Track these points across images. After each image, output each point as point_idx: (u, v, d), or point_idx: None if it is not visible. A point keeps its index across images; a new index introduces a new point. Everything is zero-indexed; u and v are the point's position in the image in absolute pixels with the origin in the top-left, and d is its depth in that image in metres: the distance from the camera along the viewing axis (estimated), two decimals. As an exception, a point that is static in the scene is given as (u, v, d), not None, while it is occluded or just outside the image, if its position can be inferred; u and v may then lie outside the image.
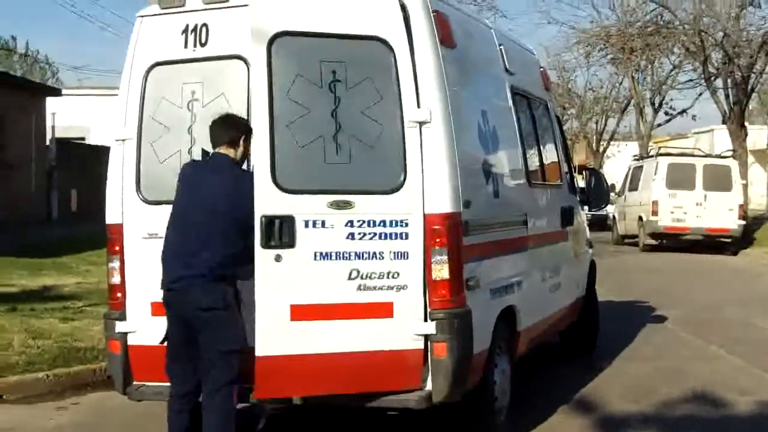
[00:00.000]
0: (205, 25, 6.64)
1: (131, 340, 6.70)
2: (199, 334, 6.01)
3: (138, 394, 6.77)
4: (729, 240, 26.07)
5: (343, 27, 6.16)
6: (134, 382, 6.73)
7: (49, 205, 29.60)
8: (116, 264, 6.77)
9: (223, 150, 6.20)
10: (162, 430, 7.30)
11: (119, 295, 6.76)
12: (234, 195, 6.03)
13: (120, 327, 6.72)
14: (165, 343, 6.23)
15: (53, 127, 30.69)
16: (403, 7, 6.19)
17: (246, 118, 6.35)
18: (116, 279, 6.77)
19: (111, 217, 6.80)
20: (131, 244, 6.73)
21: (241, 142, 6.19)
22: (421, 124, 6.11)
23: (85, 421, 7.96)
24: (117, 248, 6.76)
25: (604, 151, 51.23)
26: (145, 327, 6.66)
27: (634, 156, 34.95)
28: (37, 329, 10.59)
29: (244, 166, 6.27)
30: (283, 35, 6.09)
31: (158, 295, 6.46)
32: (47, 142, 30.22)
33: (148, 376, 6.70)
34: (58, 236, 22.71)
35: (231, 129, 6.23)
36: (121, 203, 6.74)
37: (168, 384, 6.35)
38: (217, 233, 5.98)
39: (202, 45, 6.64)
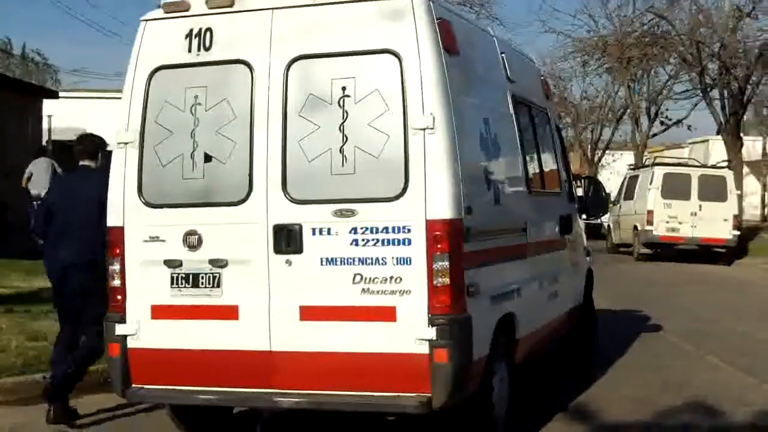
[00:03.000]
0: (209, 29, 6.68)
1: (131, 343, 6.73)
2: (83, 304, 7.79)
3: (137, 397, 6.81)
4: (723, 250, 26.12)
5: (354, 44, 6.44)
6: (133, 385, 6.75)
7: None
8: (117, 267, 6.79)
9: (86, 162, 8.14)
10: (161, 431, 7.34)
11: (119, 297, 6.79)
12: (100, 195, 7.08)
13: (120, 330, 6.75)
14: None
15: (50, 130, 30.67)
16: (410, 17, 6.27)
17: (250, 121, 6.50)
18: (116, 282, 6.80)
19: (112, 220, 6.82)
20: (132, 247, 6.75)
21: (99, 155, 8.13)
22: (425, 130, 6.18)
23: (83, 423, 7.94)
24: (117, 251, 6.79)
25: (599, 160, 51.26)
26: (144, 330, 6.70)
27: (630, 165, 35.03)
28: (33, 331, 10.57)
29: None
30: (300, 59, 6.47)
31: (158, 298, 6.57)
32: (44, 144, 30.18)
33: (147, 379, 6.74)
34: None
35: (90, 145, 8.24)
36: (123, 206, 6.76)
37: (169, 387, 6.62)
38: (90, 225, 7.54)
39: (206, 49, 6.67)
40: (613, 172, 46.49)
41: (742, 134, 33.18)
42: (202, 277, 6.59)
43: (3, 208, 25.13)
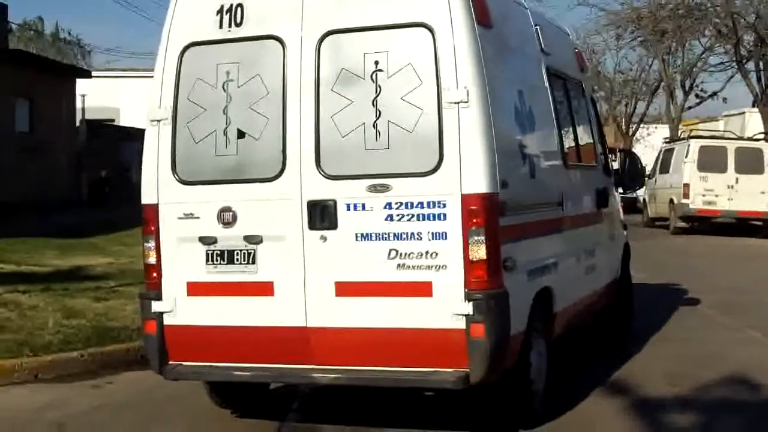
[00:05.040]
0: (240, 5, 6.66)
1: (167, 320, 6.75)
2: None
3: (174, 374, 6.82)
4: (761, 223, 25.91)
5: (386, 18, 6.39)
6: (170, 362, 6.77)
7: (80, 186, 29.77)
8: (152, 244, 6.80)
9: None
10: (195, 409, 7.37)
11: (155, 275, 6.81)
12: None
13: (156, 307, 6.77)
14: None
15: (83, 109, 30.83)
16: None
17: (282, 97, 6.50)
18: (152, 259, 6.81)
19: (147, 198, 6.83)
20: (167, 224, 6.76)
21: None
22: (459, 104, 6.15)
23: (120, 400, 8.01)
24: (152, 228, 6.79)
25: (634, 133, 50.94)
26: (180, 307, 6.72)
27: (665, 139, 34.75)
28: (70, 309, 10.67)
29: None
30: (331, 33, 6.45)
31: (194, 275, 6.60)
32: (77, 124, 30.39)
33: (184, 356, 6.77)
34: (89, 217, 22.83)
35: None
36: (157, 184, 6.76)
37: (206, 363, 6.68)
38: None
39: (237, 25, 6.65)
40: (647, 145, 46.17)
41: (778, 106, 32.80)
42: (237, 254, 6.59)
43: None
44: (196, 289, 6.68)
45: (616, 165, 10.56)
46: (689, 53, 42.28)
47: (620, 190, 10.45)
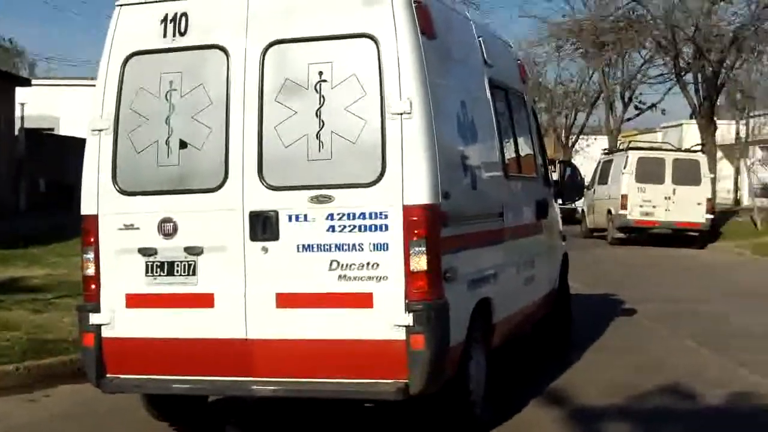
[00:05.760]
0: (184, 14, 6.63)
1: (105, 332, 6.69)
2: None
3: (112, 387, 6.76)
4: (697, 234, 26.25)
5: (331, 29, 6.40)
6: (107, 375, 6.71)
7: (18, 195, 29.36)
8: (91, 255, 6.74)
9: None
10: (137, 422, 7.31)
11: (93, 286, 6.74)
12: None
13: (94, 319, 6.70)
14: None
15: (22, 118, 30.43)
16: (387, 0, 6.27)
17: (226, 107, 6.48)
18: (90, 270, 6.74)
19: (86, 208, 6.76)
20: (106, 235, 6.70)
21: None
22: (402, 115, 6.18)
23: (59, 413, 7.91)
24: (92, 239, 6.73)
25: (573, 145, 51.45)
26: (119, 319, 6.67)
27: (604, 150, 35.13)
28: (6, 321, 10.51)
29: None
30: (276, 44, 6.44)
31: (133, 287, 6.55)
32: (16, 132, 29.96)
33: (122, 368, 6.71)
34: (26, 227, 22.52)
35: None
36: (97, 194, 6.70)
37: (144, 376, 6.60)
38: None
39: (182, 34, 6.62)
40: (587, 156, 46.71)
41: (715, 118, 33.28)
42: (178, 265, 6.55)
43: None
44: (135, 301, 6.63)
45: (555, 176, 10.67)
46: (629, 65, 42.88)
47: (560, 201, 10.56)
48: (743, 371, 9.37)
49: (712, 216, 26.28)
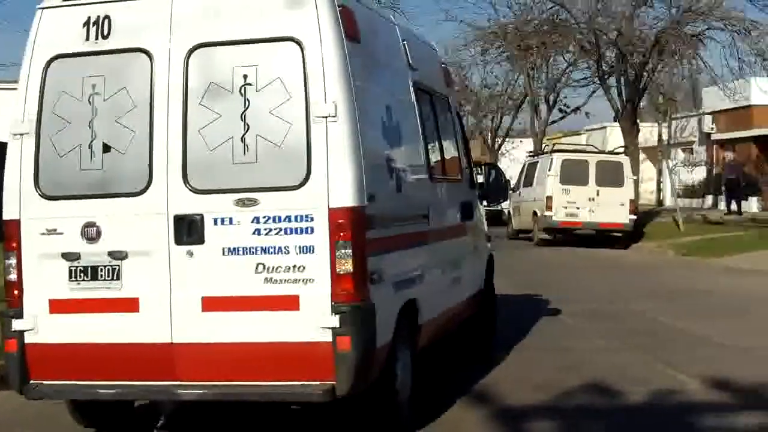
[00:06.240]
0: (107, 17, 6.59)
1: (28, 338, 6.62)
2: None
3: (36, 393, 6.69)
4: (621, 234, 26.67)
5: (256, 32, 6.42)
6: (31, 381, 6.64)
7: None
8: (13, 261, 6.67)
9: None
10: (60, 428, 7.22)
11: (16, 292, 6.67)
12: None
13: (17, 325, 6.63)
14: None
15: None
16: (311, 4, 6.30)
17: (149, 111, 6.46)
18: (13, 276, 6.67)
19: (8, 213, 6.69)
20: (29, 240, 6.63)
21: None
22: (327, 118, 6.22)
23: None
24: (14, 244, 6.66)
25: (499, 147, 51.88)
26: (42, 324, 6.60)
27: (529, 152, 35.52)
28: None
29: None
30: (200, 47, 6.44)
31: (56, 292, 6.49)
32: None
33: (46, 374, 6.65)
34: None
35: None
36: (19, 199, 6.63)
37: (69, 381, 6.55)
38: None
39: (104, 37, 6.59)
40: (513, 159, 47.11)
41: (638, 121, 33.82)
42: (101, 270, 6.51)
43: None
44: (58, 306, 6.57)
45: (480, 178, 10.77)
46: (554, 69, 43.33)
47: (485, 202, 10.67)
48: (667, 369, 9.55)
49: (635, 217, 26.72)
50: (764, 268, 19.48)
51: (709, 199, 40.11)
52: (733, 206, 33.18)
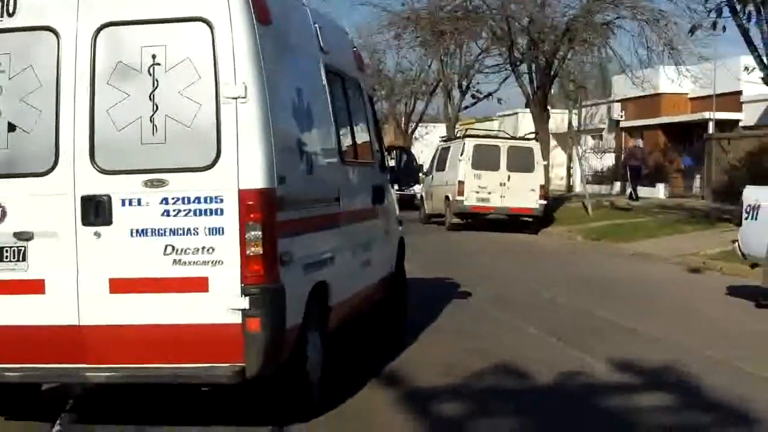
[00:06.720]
0: None
1: None
2: None
3: None
4: (531, 219, 27.01)
5: (165, 11, 6.37)
6: None
7: None
8: None
9: None
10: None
11: None
12: None
13: None
14: None
15: None
16: None
17: (56, 90, 6.36)
18: None
19: None
20: None
21: None
22: (237, 99, 6.21)
23: None
24: None
25: (413, 132, 52.09)
26: None
27: (442, 137, 35.72)
28: None
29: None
30: (108, 26, 6.35)
31: None
32: None
33: None
34: None
35: None
36: None
37: None
38: None
39: (10, 15, 6.46)
40: (426, 144, 47.38)
41: (549, 107, 34.24)
42: (7, 251, 6.40)
43: None
44: None
45: (392, 162, 10.84)
46: (467, 55, 43.54)
47: (396, 186, 10.73)
48: (574, 352, 9.74)
49: (545, 202, 27.07)
50: (668, 253, 19.93)
51: (618, 185, 40.85)
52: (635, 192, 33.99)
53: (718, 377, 8.59)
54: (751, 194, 13.28)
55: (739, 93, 35.18)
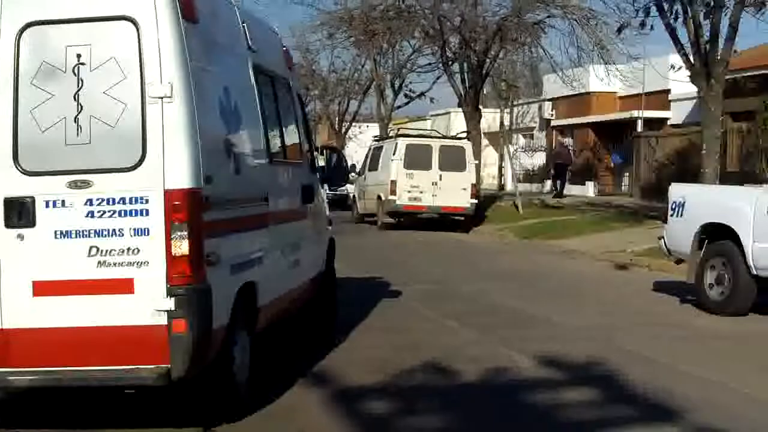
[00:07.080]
0: None
1: None
2: None
3: None
4: (462, 218, 27.16)
5: (90, 10, 6.33)
6: None
7: None
8: None
9: None
10: None
11: None
12: None
13: None
14: None
15: None
16: None
17: None
18: None
19: None
20: None
21: None
22: (162, 99, 6.18)
23: None
24: None
25: (346, 132, 52.09)
26: None
27: (375, 137, 35.75)
28: None
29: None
30: (32, 25, 6.29)
31: None
32: None
33: None
34: None
35: None
36: None
37: None
38: None
39: None
40: (359, 143, 47.37)
41: (480, 106, 34.43)
42: None
43: None
44: None
45: (322, 162, 10.84)
46: (399, 54, 43.66)
47: (327, 186, 10.74)
48: (502, 349, 9.82)
49: (476, 201, 27.21)
50: (597, 250, 20.17)
51: (548, 184, 41.26)
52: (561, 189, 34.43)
53: (640, 371, 8.74)
54: (677, 191, 13.50)
55: (667, 91, 35.74)
